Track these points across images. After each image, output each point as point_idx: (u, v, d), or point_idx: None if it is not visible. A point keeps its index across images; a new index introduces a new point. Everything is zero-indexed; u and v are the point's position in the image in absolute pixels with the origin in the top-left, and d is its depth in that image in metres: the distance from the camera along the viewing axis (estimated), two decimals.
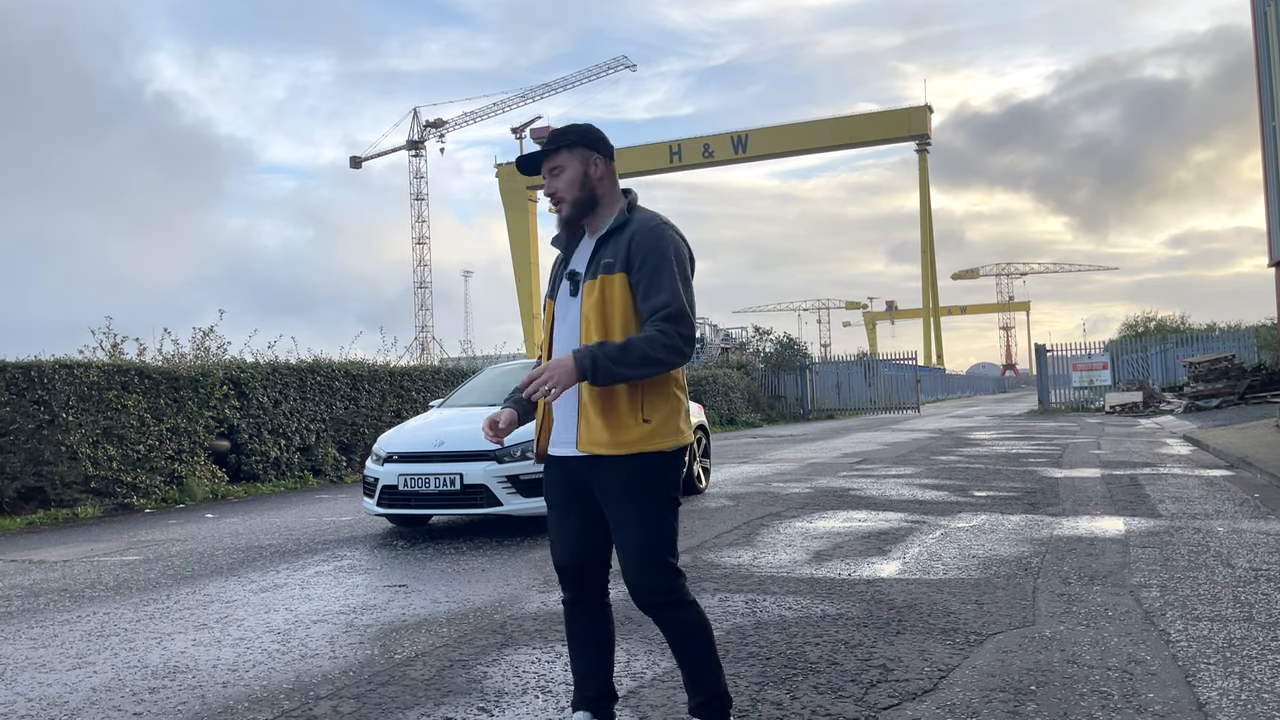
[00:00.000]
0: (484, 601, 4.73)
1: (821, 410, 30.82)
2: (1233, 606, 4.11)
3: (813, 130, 68.18)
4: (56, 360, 9.63)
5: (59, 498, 9.40)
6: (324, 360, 13.10)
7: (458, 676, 3.48)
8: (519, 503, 6.67)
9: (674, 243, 2.48)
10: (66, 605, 5.08)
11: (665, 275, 2.40)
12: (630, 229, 2.48)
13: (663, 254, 2.42)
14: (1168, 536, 5.88)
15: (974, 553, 5.56)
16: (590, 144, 2.54)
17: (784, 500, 8.33)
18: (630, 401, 2.42)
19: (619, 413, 2.41)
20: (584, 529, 2.55)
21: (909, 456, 12.78)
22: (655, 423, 2.42)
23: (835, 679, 3.28)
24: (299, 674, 3.60)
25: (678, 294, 2.39)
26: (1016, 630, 3.84)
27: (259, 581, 5.52)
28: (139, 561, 6.46)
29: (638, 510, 2.42)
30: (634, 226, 2.48)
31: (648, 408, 2.42)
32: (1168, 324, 36.39)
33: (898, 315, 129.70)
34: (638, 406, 2.41)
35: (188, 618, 4.64)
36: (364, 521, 8.00)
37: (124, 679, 3.64)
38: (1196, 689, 3.07)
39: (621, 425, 2.41)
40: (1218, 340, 28.05)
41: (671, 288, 2.39)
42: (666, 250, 2.43)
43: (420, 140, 74.94)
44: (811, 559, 5.54)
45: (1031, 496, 8.05)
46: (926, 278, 73.96)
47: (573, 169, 2.51)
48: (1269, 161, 14.32)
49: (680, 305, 2.39)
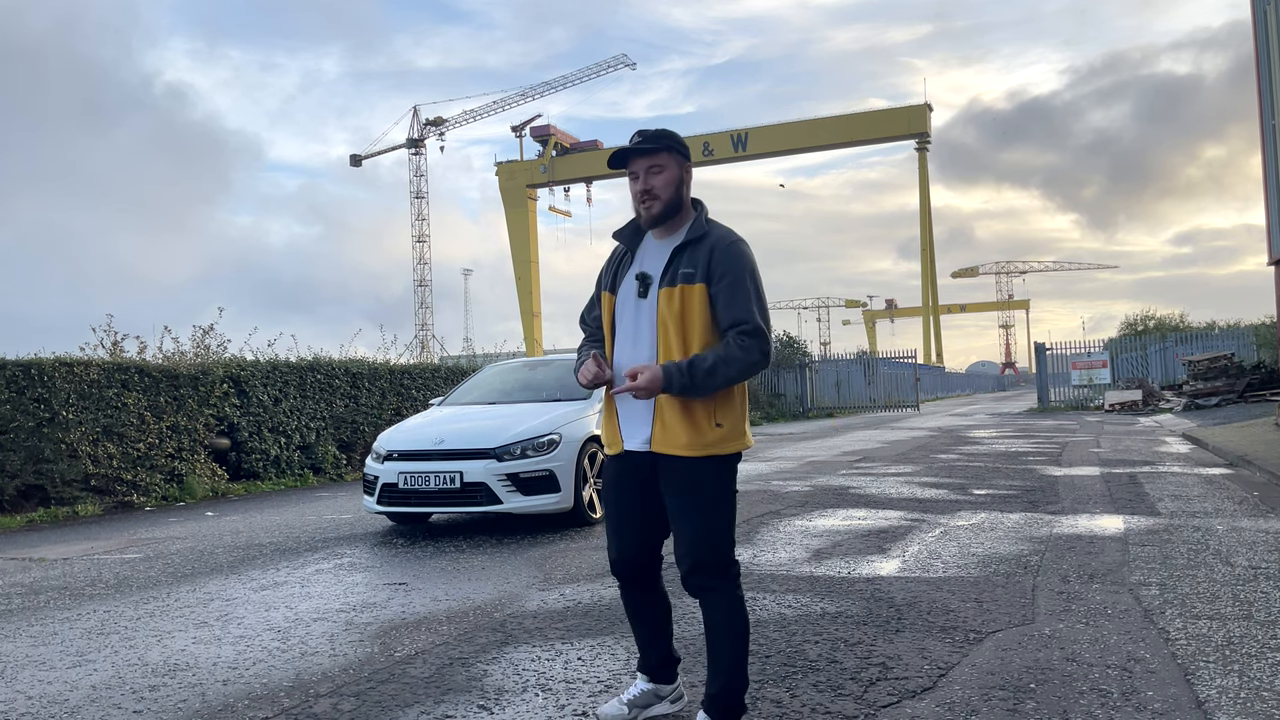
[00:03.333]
0: (484, 599, 4.73)
1: (821, 408, 30.76)
2: (1232, 604, 4.11)
3: (811, 129, 68.01)
4: (57, 358, 9.63)
5: (59, 495, 9.41)
6: (324, 358, 13.11)
7: (457, 674, 3.48)
8: (519, 501, 6.67)
9: (750, 258, 2.64)
10: (67, 603, 5.08)
11: (745, 290, 2.57)
12: (709, 241, 2.62)
13: (742, 269, 2.59)
14: (1167, 535, 5.88)
15: (973, 551, 5.56)
16: (685, 153, 2.69)
17: (783, 498, 8.33)
18: (705, 407, 2.59)
19: (695, 417, 2.58)
20: (645, 526, 2.73)
21: (908, 455, 12.78)
22: (726, 428, 2.60)
23: (835, 677, 3.28)
24: (299, 672, 3.60)
25: (756, 310, 2.58)
26: (1016, 628, 3.84)
27: (259, 579, 5.52)
28: (139, 559, 6.46)
29: (702, 504, 2.59)
30: (713, 240, 2.62)
31: (720, 413, 2.59)
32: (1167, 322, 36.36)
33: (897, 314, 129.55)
34: (711, 412, 2.59)
35: (188, 615, 4.64)
36: (364, 519, 8.00)
37: (124, 677, 3.64)
38: (1196, 687, 3.07)
39: (697, 429, 2.58)
40: (1217, 339, 28.04)
41: (751, 304, 2.57)
42: (746, 265, 2.60)
43: (420, 138, 74.79)
44: (811, 557, 5.54)
45: (1031, 495, 8.05)
46: (926, 276, 73.89)
47: (671, 171, 2.64)
48: (1269, 160, 14.33)
49: (758, 321, 2.57)
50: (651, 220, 2.67)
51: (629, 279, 2.71)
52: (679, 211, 2.67)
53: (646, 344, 2.64)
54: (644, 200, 2.64)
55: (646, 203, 2.64)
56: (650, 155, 2.63)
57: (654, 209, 2.64)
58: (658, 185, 2.62)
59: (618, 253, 2.80)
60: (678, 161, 2.66)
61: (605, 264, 2.86)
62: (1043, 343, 29.44)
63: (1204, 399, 21.46)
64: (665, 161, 2.63)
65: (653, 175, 2.63)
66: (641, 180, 2.63)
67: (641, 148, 2.63)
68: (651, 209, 2.64)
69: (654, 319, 2.63)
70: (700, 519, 2.59)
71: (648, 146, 2.63)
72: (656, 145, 2.63)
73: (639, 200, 2.66)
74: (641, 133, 2.66)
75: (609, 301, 2.75)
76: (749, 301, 2.57)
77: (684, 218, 2.69)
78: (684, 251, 2.63)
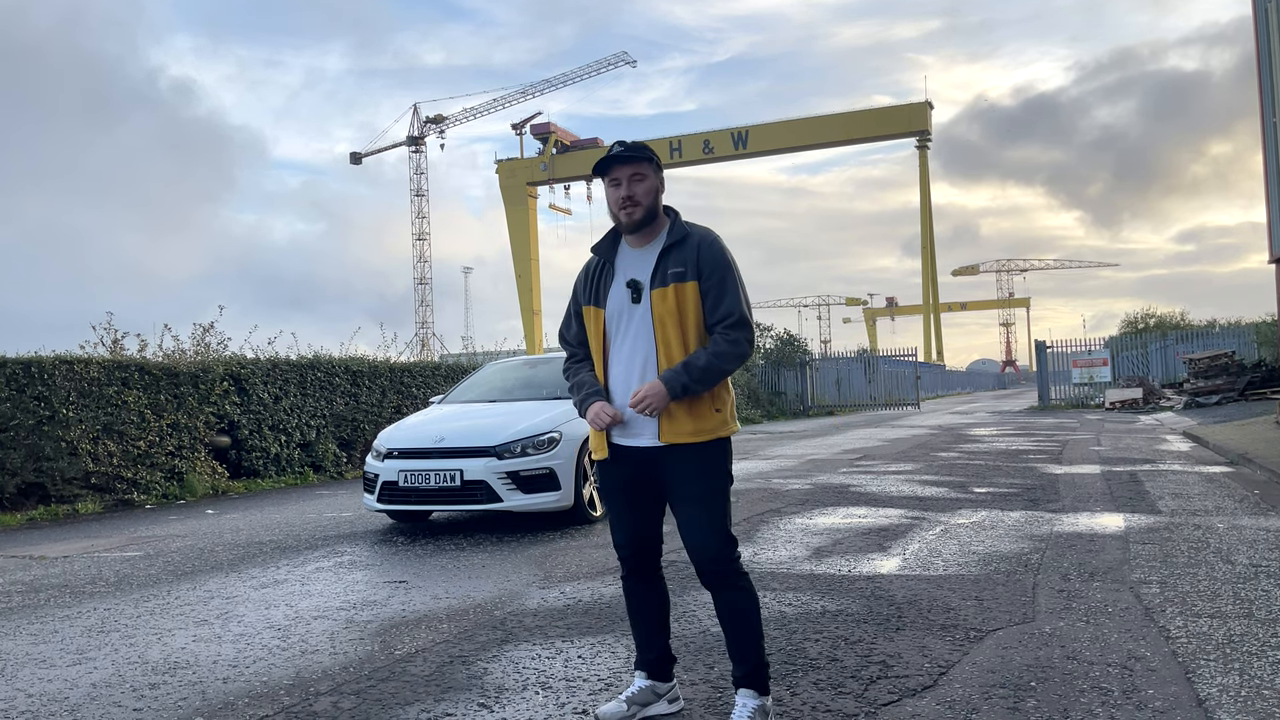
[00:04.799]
0: (484, 597, 4.72)
1: (821, 406, 30.74)
2: (1233, 603, 4.11)
3: (812, 126, 67.86)
4: (57, 356, 9.63)
5: (59, 494, 9.41)
6: (324, 356, 13.11)
7: (458, 673, 3.48)
8: (519, 499, 6.67)
9: (731, 254, 2.84)
10: (67, 601, 5.07)
11: (733, 286, 2.78)
12: (693, 241, 2.80)
13: (728, 265, 2.79)
14: (1168, 533, 5.87)
15: (974, 549, 5.56)
16: (660, 166, 2.89)
17: (784, 496, 8.33)
18: (705, 396, 2.79)
19: (698, 406, 2.78)
20: (649, 517, 2.91)
21: (909, 453, 12.77)
22: (724, 412, 2.82)
23: (835, 675, 3.28)
24: (299, 670, 3.60)
25: (743, 303, 2.78)
26: (1016, 626, 3.84)
27: (259, 577, 5.52)
28: (139, 557, 6.46)
29: (709, 488, 2.78)
30: (696, 239, 2.81)
31: (717, 400, 2.81)
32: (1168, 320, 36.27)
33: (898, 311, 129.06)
34: (711, 399, 2.80)
35: (188, 614, 4.64)
36: (364, 518, 8.00)
37: (124, 675, 3.63)
38: (1196, 685, 3.06)
39: (702, 416, 2.77)
40: (1218, 337, 27.97)
41: (739, 298, 2.78)
42: (730, 262, 2.80)
43: (421, 136, 74.61)
44: (811, 555, 5.54)
45: (1031, 493, 8.04)
46: (927, 274, 73.79)
47: (650, 181, 2.82)
48: (1269, 157, 14.31)
49: (742, 312, 2.77)
50: (633, 225, 2.80)
51: (617, 289, 2.84)
52: (655, 219, 2.83)
53: (645, 346, 2.78)
54: (625, 206, 2.78)
55: (628, 208, 2.78)
56: (633, 164, 2.79)
57: (635, 214, 2.79)
58: (639, 192, 2.78)
59: (592, 267, 2.92)
60: (655, 172, 2.83)
61: (580, 280, 2.96)
62: (1043, 341, 29.36)
63: (1204, 397, 21.44)
64: (646, 171, 2.80)
65: (635, 183, 2.78)
66: (625, 187, 2.78)
67: (625, 155, 2.78)
68: (634, 215, 2.79)
69: (649, 320, 2.77)
70: (707, 505, 2.76)
71: (631, 155, 2.78)
72: (639, 155, 2.79)
73: (621, 206, 2.79)
74: (622, 143, 2.81)
75: (598, 315, 2.87)
76: (737, 296, 2.77)
77: (659, 226, 2.86)
78: (670, 253, 2.79)
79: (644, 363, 2.78)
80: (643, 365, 2.78)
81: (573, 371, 2.97)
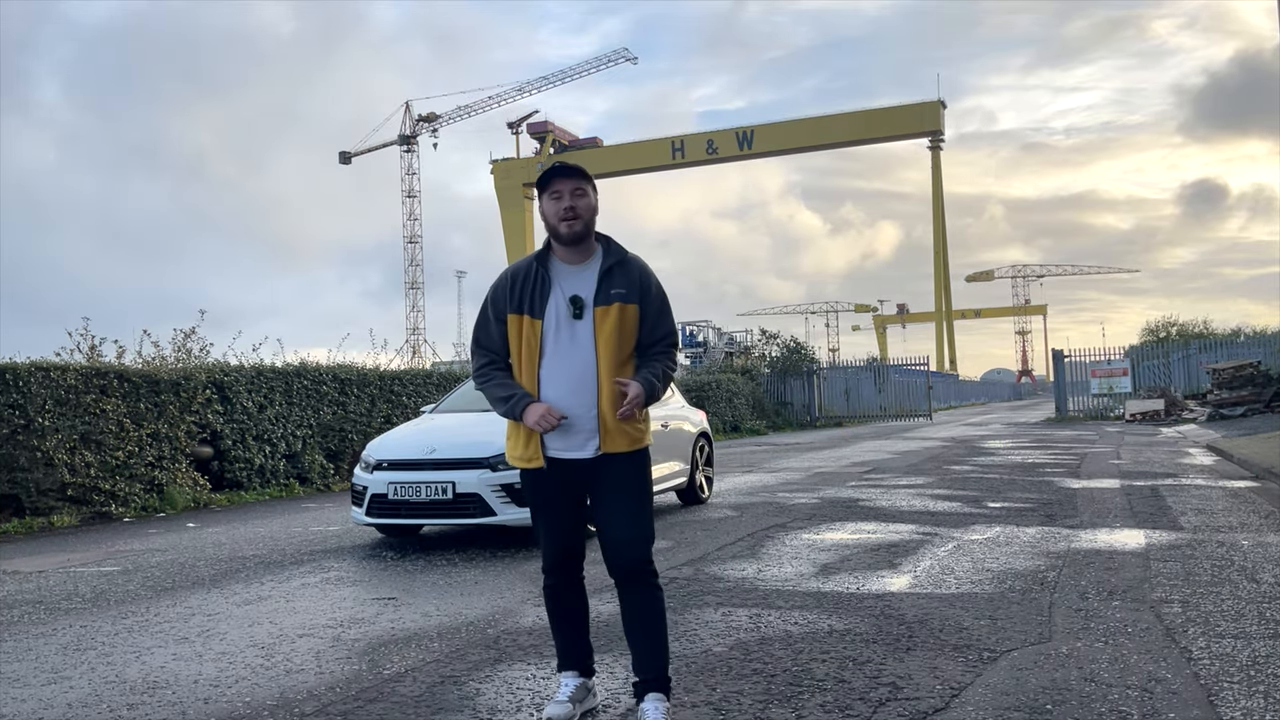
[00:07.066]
0: (477, 615, 4.64)
1: (829, 417, 30.01)
2: (1257, 623, 4.03)
3: (819, 126, 66.55)
4: (32, 362, 9.43)
5: (34, 506, 9.20)
6: (311, 363, 12.93)
7: (449, 693, 3.41)
8: (514, 512, 6.53)
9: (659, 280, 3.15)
10: (41, 618, 4.96)
11: (668, 310, 3.09)
12: (633, 266, 3.04)
13: (663, 291, 3.09)
14: (1190, 550, 5.77)
15: (988, 566, 5.46)
16: (596, 191, 3.07)
17: (790, 511, 8.21)
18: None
19: (633, 418, 3.01)
20: (576, 524, 3.10)
21: (920, 466, 12.61)
22: (645, 424, 3.08)
23: (843, 697, 3.21)
24: (283, 690, 3.52)
25: (673, 325, 3.12)
26: (1032, 647, 3.76)
27: (242, 594, 5.40)
28: (117, 572, 6.32)
29: (638, 493, 3.04)
30: (636, 264, 3.05)
31: (640, 413, 3.04)
32: (1190, 329, 35.35)
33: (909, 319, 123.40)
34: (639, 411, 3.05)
35: (168, 631, 4.54)
36: (352, 531, 7.86)
37: (101, 694, 3.55)
38: (1219, 708, 3.00)
39: (633, 428, 3.03)
40: (1243, 346, 27.32)
41: (671, 320, 3.11)
42: (661, 287, 3.10)
43: (413, 135, 73.35)
44: (818, 572, 5.44)
45: (1048, 508, 7.91)
46: (939, 280, 72.64)
47: (590, 199, 3.00)
48: None
49: (676, 335, 3.15)
50: (573, 237, 2.96)
51: (555, 302, 2.97)
52: (589, 237, 3.01)
53: (585, 360, 2.95)
54: (566, 218, 2.93)
55: (569, 220, 2.94)
56: (577, 179, 2.97)
57: (575, 227, 2.95)
58: (580, 207, 2.95)
59: (520, 275, 3.01)
60: (593, 193, 3.02)
61: (504, 287, 3.03)
62: (1061, 350, 28.72)
63: (1229, 409, 20.80)
64: (586, 189, 2.98)
65: (577, 197, 2.95)
66: (567, 199, 2.93)
67: (567, 170, 2.96)
68: (574, 227, 2.95)
69: (592, 336, 2.95)
70: (638, 511, 3.01)
71: (575, 169, 2.97)
72: (581, 173, 2.98)
73: (562, 218, 2.93)
74: (562, 162, 3.02)
75: (532, 325, 2.97)
76: (672, 319, 3.11)
77: (591, 246, 3.03)
78: (613, 273, 3.00)
79: (583, 375, 2.93)
80: (581, 377, 2.93)
81: (492, 378, 3.05)
